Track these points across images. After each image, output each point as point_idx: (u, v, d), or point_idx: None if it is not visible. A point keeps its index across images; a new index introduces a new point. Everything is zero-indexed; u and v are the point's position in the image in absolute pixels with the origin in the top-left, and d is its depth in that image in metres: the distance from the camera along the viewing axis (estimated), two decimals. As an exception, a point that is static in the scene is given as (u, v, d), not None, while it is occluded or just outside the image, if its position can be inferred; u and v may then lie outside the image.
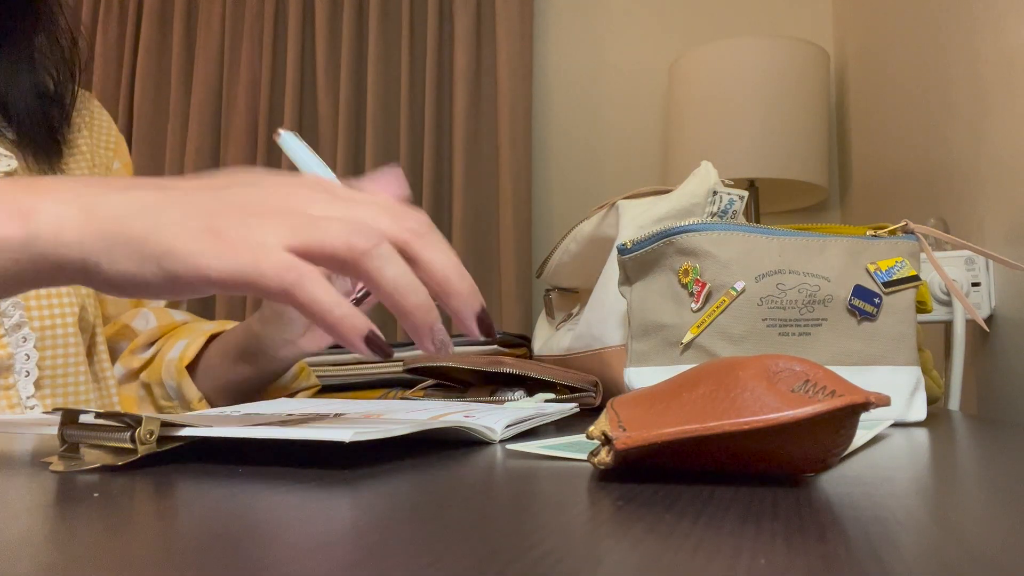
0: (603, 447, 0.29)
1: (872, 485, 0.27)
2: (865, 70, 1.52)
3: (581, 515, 0.22)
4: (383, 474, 0.30)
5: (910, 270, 0.53)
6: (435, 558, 0.18)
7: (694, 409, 0.28)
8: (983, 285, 0.91)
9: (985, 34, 0.96)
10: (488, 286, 1.86)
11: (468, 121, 1.88)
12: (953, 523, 0.21)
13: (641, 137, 1.89)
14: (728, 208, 0.61)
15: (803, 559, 0.18)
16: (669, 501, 0.24)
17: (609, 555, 0.18)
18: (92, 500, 0.25)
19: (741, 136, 1.44)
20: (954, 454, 0.37)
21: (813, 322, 0.51)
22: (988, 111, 0.96)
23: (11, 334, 0.62)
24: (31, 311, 0.64)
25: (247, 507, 0.24)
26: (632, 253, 0.55)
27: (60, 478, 0.30)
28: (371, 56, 1.93)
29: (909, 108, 1.25)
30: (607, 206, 0.71)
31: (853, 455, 0.35)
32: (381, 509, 0.24)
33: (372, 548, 0.19)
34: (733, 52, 1.46)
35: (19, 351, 0.62)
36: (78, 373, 0.66)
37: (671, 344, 0.53)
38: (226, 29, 2.05)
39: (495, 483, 0.28)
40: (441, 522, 0.22)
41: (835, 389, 0.27)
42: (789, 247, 0.52)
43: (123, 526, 0.22)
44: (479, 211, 1.87)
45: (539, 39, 1.96)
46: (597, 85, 1.92)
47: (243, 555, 0.18)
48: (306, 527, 0.21)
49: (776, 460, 0.28)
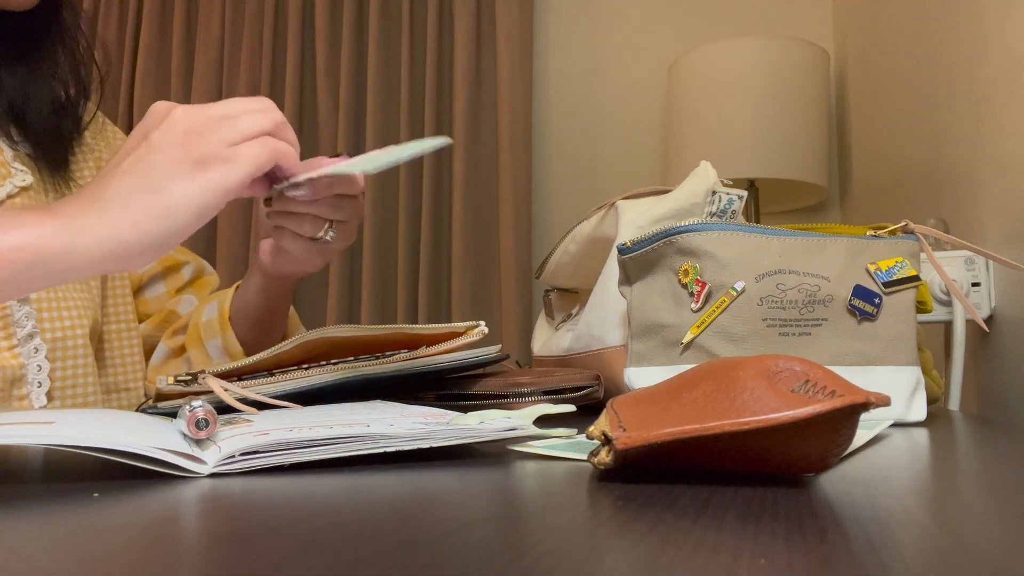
0: (603, 447, 0.29)
1: (872, 485, 0.27)
2: (865, 70, 1.52)
3: (581, 515, 0.22)
4: (382, 474, 0.30)
5: (910, 270, 0.53)
6: (435, 558, 0.18)
7: (694, 409, 0.28)
8: (983, 285, 0.91)
9: (985, 34, 0.96)
10: (488, 286, 1.86)
11: (468, 122, 1.88)
12: (953, 523, 0.21)
13: (641, 137, 1.89)
14: (727, 208, 0.61)
15: (803, 559, 0.18)
16: (669, 501, 0.24)
17: (609, 555, 0.18)
18: (92, 500, 0.25)
19: (741, 136, 1.44)
20: (954, 454, 0.37)
21: (813, 322, 0.51)
22: (988, 111, 0.96)
23: (23, 344, 0.62)
24: (43, 322, 0.63)
25: (247, 507, 0.24)
26: (632, 253, 0.55)
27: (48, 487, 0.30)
28: (371, 56, 1.93)
29: (909, 108, 1.25)
30: (606, 206, 0.71)
31: (853, 455, 0.35)
32: (380, 509, 0.24)
33: (371, 548, 0.19)
34: (733, 52, 1.46)
35: (31, 362, 0.62)
36: (87, 384, 0.66)
37: (671, 344, 0.53)
38: (226, 29, 2.05)
39: (495, 483, 0.28)
40: (441, 522, 0.22)
41: (835, 389, 0.27)
42: (789, 247, 0.52)
43: (123, 526, 0.22)
44: (479, 211, 1.87)
45: (539, 39, 1.96)
46: (597, 85, 1.92)
47: (244, 555, 0.18)
48: (306, 527, 0.21)
49: (776, 460, 0.28)
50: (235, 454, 0.31)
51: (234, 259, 1.95)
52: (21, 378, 0.61)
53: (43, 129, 0.67)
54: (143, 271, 0.80)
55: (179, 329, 0.78)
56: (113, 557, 0.18)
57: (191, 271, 0.83)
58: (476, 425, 0.36)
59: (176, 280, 0.82)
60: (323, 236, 0.60)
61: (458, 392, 0.61)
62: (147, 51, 2.08)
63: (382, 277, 1.89)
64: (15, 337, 0.62)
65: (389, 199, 1.93)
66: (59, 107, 0.69)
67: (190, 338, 0.75)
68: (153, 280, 0.81)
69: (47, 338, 0.63)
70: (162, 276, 0.81)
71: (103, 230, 0.44)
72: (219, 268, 1.94)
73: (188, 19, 2.10)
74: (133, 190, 0.45)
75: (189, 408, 0.35)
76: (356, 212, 0.62)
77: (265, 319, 0.74)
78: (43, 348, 0.63)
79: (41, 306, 0.64)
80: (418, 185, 1.93)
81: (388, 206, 1.92)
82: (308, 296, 1.96)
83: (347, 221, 0.61)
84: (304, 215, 0.59)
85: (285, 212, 0.59)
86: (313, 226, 0.59)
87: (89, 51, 0.71)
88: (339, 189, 0.58)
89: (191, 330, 0.76)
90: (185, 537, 0.20)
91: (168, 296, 0.81)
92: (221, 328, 0.73)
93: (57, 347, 0.64)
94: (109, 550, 0.19)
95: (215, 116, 0.47)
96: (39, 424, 0.32)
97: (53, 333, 0.64)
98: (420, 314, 1.85)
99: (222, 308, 0.74)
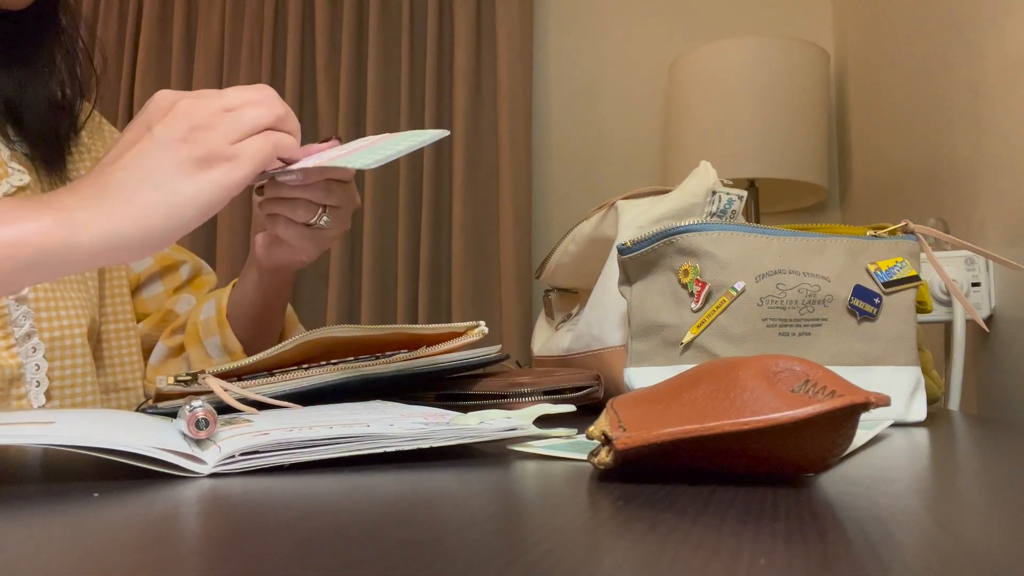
0: (603, 447, 0.29)
1: (872, 485, 0.27)
2: (865, 70, 1.52)
3: (581, 515, 0.22)
4: (382, 474, 0.30)
5: (910, 270, 0.53)
6: (435, 558, 0.18)
7: (694, 409, 0.28)
8: (983, 285, 0.91)
9: (985, 34, 0.96)
10: (488, 286, 1.86)
11: (468, 121, 1.88)
12: (953, 523, 0.21)
13: (641, 137, 1.89)
14: (727, 208, 0.61)
15: (803, 559, 0.18)
16: (669, 501, 0.24)
17: (609, 555, 0.18)
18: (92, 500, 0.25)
19: (741, 136, 1.44)
20: (954, 454, 0.37)
21: (813, 322, 0.51)
22: (988, 111, 0.96)
23: (22, 344, 0.62)
24: (40, 321, 0.63)
25: (247, 507, 0.24)
26: (632, 253, 0.55)
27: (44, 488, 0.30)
28: (371, 56, 1.93)
29: (909, 108, 1.25)
30: (606, 206, 0.71)
31: (853, 455, 0.35)
32: (380, 509, 0.24)
33: (371, 548, 0.19)
34: (733, 52, 1.46)
35: (29, 361, 0.62)
36: (85, 384, 0.66)
37: (671, 344, 0.53)
38: (226, 29, 2.05)
39: (495, 483, 0.28)
40: (441, 522, 0.22)
41: (835, 389, 0.27)
42: (789, 247, 0.52)
43: (123, 526, 0.21)
44: (479, 211, 1.87)
45: (539, 39, 1.96)
46: (597, 85, 1.92)
47: (244, 555, 0.18)
48: (306, 527, 0.21)
49: (776, 460, 0.28)
50: (235, 454, 0.31)
51: (233, 260, 1.95)
52: (19, 377, 0.61)
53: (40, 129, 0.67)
54: (140, 270, 0.80)
55: (177, 328, 0.78)
56: (113, 557, 0.18)
57: (189, 270, 0.83)
58: (476, 425, 0.36)
59: (174, 279, 0.82)
60: (317, 222, 0.61)
61: (458, 392, 0.61)
62: (147, 51, 2.08)
63: (382, 277, 1.89)
64: (13, 336, 0.62)
65: (389, 199, 1.93)
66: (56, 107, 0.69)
67: (189, 337, 0.75)
68: (151, 279, 0.81)
69: (45, 337, 0.63)
70: (160, 275, 0.81)
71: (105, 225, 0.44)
72: (219, 267, 1.94)
73: (188, 19, 2.10)
74: (136, 185, 0.45)
75: (189, 408, 0.35)
76: (349, 198, 0.62)
77: (262, 316, 0.74)
78: (41, 348, 0.63)
79: (39, 305, 0.64)
80: (418, 185, 1.93)
81: (388, 206, 1.92)
82: (307, 295, 1.96)
83: (340, 207, 0.62)
84: (297, 200, 0.60)
85: (278, 199, 0.60)
86: (307, 211, 0.60)
87: (86, 50, 0.71)
88: (330, 174, 0.59)
89: (190, 329, 0.76)
90: (185, 537, 0.20)
91: (166, 295, 0.81)
92: (219, 326, 0.73)
93: (55, 346, 0.64)
94: (109, 550, 0.19)
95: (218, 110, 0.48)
96: (39, 424, 0.32)
97: (51, 332, 0.64)
98: (420, 314, 1.85)
99: (219, 306, 0.74)
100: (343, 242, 1.90)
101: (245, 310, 0.73)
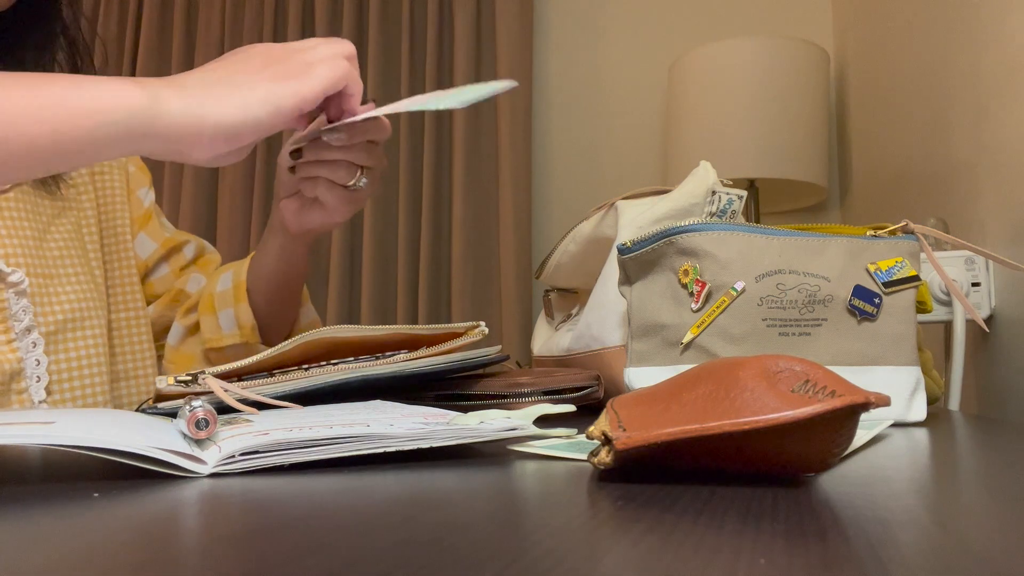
0: (603, 447, 0.29)
1: (872, 485, 0.27)
2: (865, 70, 1.52)
3: (581, 515, 0.22)
4: (382, 474, 0.30)
5: (910, 270, 0.53)
6: (435, 558, 0.18)
7: (694, 409, 0.28)
8: (983, 285, 0.91)
9: (985, 34, 0.96)
10: (488, 286, 1.86)
11: (468, 121, 1.88)
12: (953, 523, 0.21)
13: (641, 137, 1.89)
14: (727, 208, 0.61)
15: (803, 559, 0.18)
16: (669, 501, 0.24)
17: (609, 555, 0.18)
18: (92, 500, 0.25)
19: (741, 136, 1.44)
20: (954, 454, 0.37)
21: (813, 322, 0.51)
22: (988, 111, 0.96)
23: (21, 339, 0.62)
24: (38, 316, 0.64)
25: (247, 507, 0.24)
26: (632, 253, 0.55)
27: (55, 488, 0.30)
28: (371, 56, 1.93)
29: (909, 108, 1.25)
30: (606, 206, 0.71)
31: (853, 455, 0.35)
32: (380, 509, 0.24)
33: (371, 548, 0.19)
34: (733, 52, 1.46)
35: (29, 356, 0.62)
36: (93, 375, 0.66)
37: (671, 344, 0.53)
38: (226, 29, 2.05)
39: (495, 483, 0.28)
40: (441, 522, 0.22)
41: (835, 389, 0.27)
42: (789, 247, 0.52)
43: (123, 526, 0.21)
44: (479, 211, 1.87)
45: (539, 39, 1.96)
46: (597, 85, 1.92)
47: (244, 555, 0.18)
48: (306, 527, 0.21)
49: (776, 460, 0.28)
50: (235, 454, 0.31)
51: (233, 258, 1.95)
52: (19, 372, 0.61)
53: None
54: (147, 256, 0.80)
55: (192, 307, 0.79)
56: (113, 557, 0.18)
57: (193, 250, 0.84)
58: (476, 425, 0.36)
59: (179, 260, 0.83)
60: (355, 183, 0.63)
61: (458, 392, 0.61)
62: (147, 51, 2.08)
63: (382, 277, 1.89)
64: (13, 331, 0.62)
65: (389, 199, 1.93)
66: None
67: (203, 306, 0.76)
68: (158, 264, 0.82)
69: (43, 332, 0.64)
70: (165, 258, 0.82)
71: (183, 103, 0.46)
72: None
73: (188, 19, 2.10)
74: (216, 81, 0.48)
75: (189, 408, 0.35)
76: (381, 159, 0.65)
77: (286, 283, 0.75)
78: (41, 342, 0.63)
79: (39, 299, 0.64)
80: (418, 185, 1.93)
81: (388, 206, 1.92)
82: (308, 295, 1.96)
83: (374, 168, 0.64)
84: (339, 162, 0.62)
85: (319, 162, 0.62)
86: (348, 173, 0.62)
87: (87, 49, 0.71)
88: (372, 135, 0.61)
89: (204, 299, 0.76)
90: (185, 537, 0.20)
91: (173, 276, 0.82)
92: (235, 299, 0.74)
93: (56, 340, 0.64)
94: (109, 550, 0.19)
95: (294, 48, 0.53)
96: (39, 424, 0.32)
97: (50, 327, 0.64)
98: (420, 314, 1.85)
99: (238, 279, 0.75)
100: (343, 242, 1.90)
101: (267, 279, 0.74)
